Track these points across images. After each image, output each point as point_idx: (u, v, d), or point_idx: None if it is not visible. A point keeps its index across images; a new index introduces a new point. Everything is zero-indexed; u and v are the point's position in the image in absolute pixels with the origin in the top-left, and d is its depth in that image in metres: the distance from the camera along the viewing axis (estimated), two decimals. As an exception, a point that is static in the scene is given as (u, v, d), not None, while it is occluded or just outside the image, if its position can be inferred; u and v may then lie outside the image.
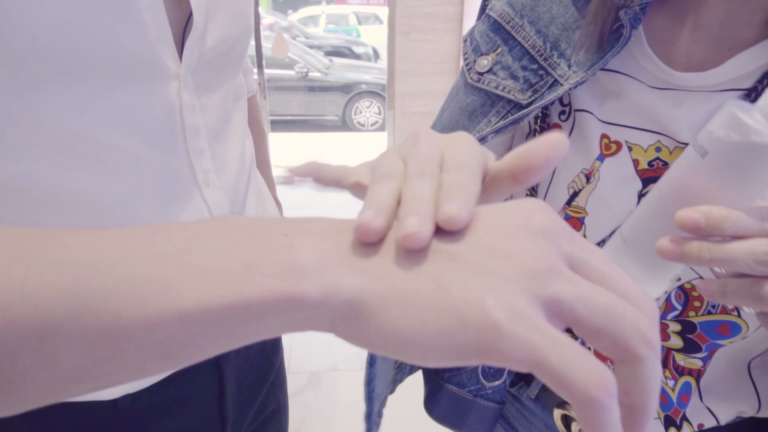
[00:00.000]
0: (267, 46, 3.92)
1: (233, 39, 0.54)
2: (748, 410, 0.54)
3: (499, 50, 0.56)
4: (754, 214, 0.33)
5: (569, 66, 0.51)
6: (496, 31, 0.57)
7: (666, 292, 0.49)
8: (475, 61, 0.58)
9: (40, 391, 0.21)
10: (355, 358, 2.20)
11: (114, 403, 0.53)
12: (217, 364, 0.62)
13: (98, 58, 0.42)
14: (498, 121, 0.55)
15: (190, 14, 0.47)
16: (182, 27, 0.47)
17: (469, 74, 0.59)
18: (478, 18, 0.61)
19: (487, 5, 0.60)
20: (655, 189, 0.40)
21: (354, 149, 5.39)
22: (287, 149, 4.97)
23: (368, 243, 0.23)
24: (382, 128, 6.24)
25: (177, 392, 0.58)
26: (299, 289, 0.21)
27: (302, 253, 0.22)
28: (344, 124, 6.64)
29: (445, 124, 0.62)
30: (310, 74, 6.63)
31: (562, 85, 0.51)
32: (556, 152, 0.25)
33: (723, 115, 0.35)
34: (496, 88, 0.56)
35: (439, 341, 0.21)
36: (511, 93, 0.55)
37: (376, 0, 10.00)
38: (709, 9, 0.46)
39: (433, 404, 0.67)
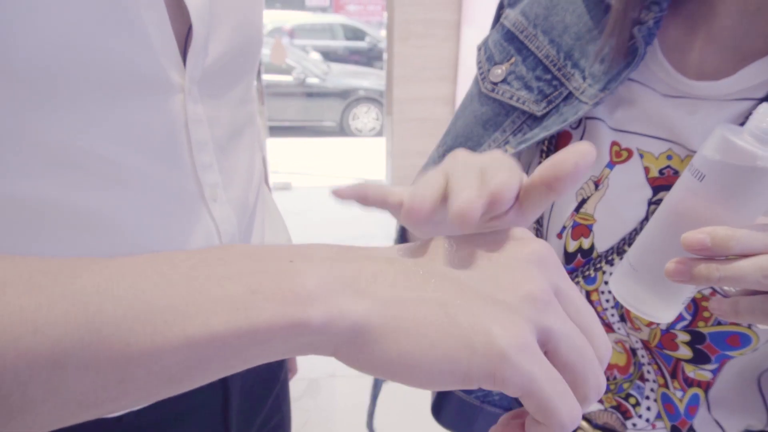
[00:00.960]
0: (265, 52, 3.92)
1: (240, 48, 0.53)
2: (757, 424, 0.53)
3: (513, 60, 0.57)
4: (758, 232, 0.34)
5: (584, 78, 0.52)
6: (510, 40, 0.57)
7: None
8: (489, 71, 0.59)
9: (49, 417, 0.21)
10: (353, 364, 2.19)
11: (119, 419, 0.53)
12: (222, 379, 0.61)
13: (102, 72, 0.41)
14: (513, 132, 0.56)
15: (191, 24, 0.46)
16: (184, 38, 0.46)
17: (483, 83, 0.59)
18: (493, 26, 0.62)
19: (501, 14, 0.61)
20: (657, 213, 0.40)
21: (352, 155, 5.39)
22: (285, 155, 4.97)
23: (375, 268, 0.24)
24: (380, 134, 6.24)
25: (182, 406, 0.58)
26: (304, 315, 0.22)
27: (306, 279, 0.23)
28: (342, 130, 6.65)
29: (459, 132, 0.62)
30: (308, 80, 6.64)
31: (576, 96, 0.51)
32: (584, 160, 0.27)
33: (715, 138, 0.36)
34: (511, 98, 0.56)
35: (445, 366, 0.22)
36: (526, 104, 0.55)
37: (374, 7, 10.04)
38: (721, 19, 0.46)
39: (440, 410, 0.67)
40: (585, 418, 0.58)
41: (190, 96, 0.47)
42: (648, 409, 0.54)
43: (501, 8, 0.62)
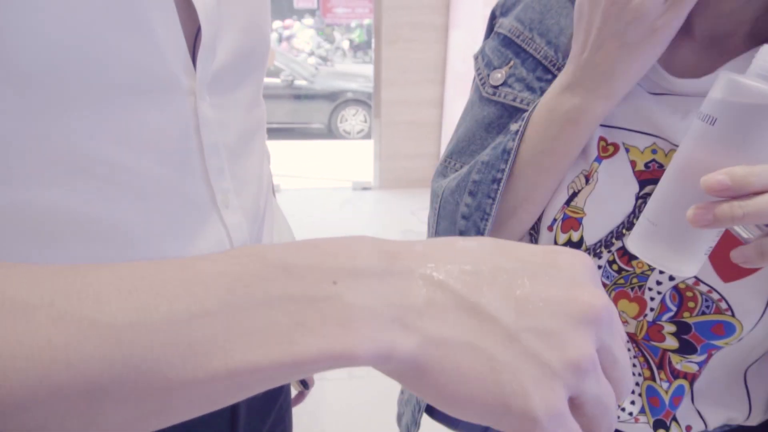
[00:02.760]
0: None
1: (248, 50, 0.52)
2: (738, 417, 0.55)
3: (511, 63, 0.58)
4: None
5: None
6: (507, 45, 0.59)
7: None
8: (488, 75, 0.60)
9: None
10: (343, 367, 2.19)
11: None
12: None
13: (111, 75, 0.40)
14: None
15: (200, 26, 0.45)
16: (192, 39, 0.45)
17: (484, 88, 0.61)
18: (486, 37, 0.64)
19: (494, 24, 0.63)
20: (671, 166, 0.41)
21: (340, 157, 5.39)
22: (273, 157, 4.94)
23: (425, 294, 0.23)
24: (368, 136, 6.25)
25: (191, 421, 0.58)
26: (351, 351, 0.22)
27: (354, 312, 0.22)
28: (330, 132, 6.64)
29: (461, 138, 0.63)
30: (296, 82, 6.63)
31: None
32: None
33: (722, 82, 0.37)
34: (514, 100, 0.58)
35: (481, 414, 0.23)
36: (530, 105, 0.56)
37: (362, 9, 10.05)
38: (701, 21, 0.49)
39: (433, 407, 0.68)
40: None
41: (200, 99, 0.47)
42: (632, 403, 0.55)
43: (493, 18, 0.64)
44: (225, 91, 0.51)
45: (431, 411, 0.68)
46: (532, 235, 0.59)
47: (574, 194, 0.54)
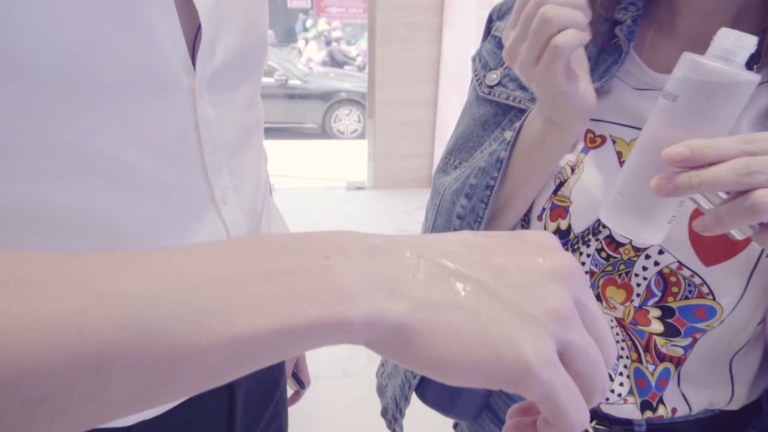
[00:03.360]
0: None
1: (246, 50, 0.53)
2: (720, 402, 0.57)
3: (506, 64, 0.62)
4: (730, 139, 0.37)
5: None
6: (502, 48, 0.61)
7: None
8: (485, 76, 0.64)
9: (90, 417, 0.22)
10: (337, 365, 2.20)
11: (128, 429, 0.53)
12: (229, 386, 0.61)
13: (114, 73, 0.41)
14: (511, 129, 0.60)
15: (200, 26, 0.46)
16: (192, 38, 0.46)
17: (480, 88, 0.64)
18: (484, 39, 0.68)
19: (492, 27, 0.66)
20: (638, 141, 0.44)
21: (334, 157, 5.39)
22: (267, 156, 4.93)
23: (411, 266, 0.25)
24: (361, 136, 6.25)
25: (190, 415, 0.58)
26: (345, 315, 0.23)
27: (345, 279, 0.24)
28: (324, 132, 6.64)
29: (460, 135, 0.67)
30: (290, 82, 6.62)
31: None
32: None
33: (684, 62, 0.40)
34: (507, 99, 0.61)
35: (474, 371, 0.24)
36: (522, 102, 0.60)
37: (356, 9, 10.04)
38: (683, 21, 0.52)
39: (424, 389, 0.70)
40: None
41: (199, 97, 0.48)
42: (621, 384, 0.58)
43: (491, 22, 0.67)
44: (224, 90, 0.51)
45: (423, 395, 0.70)
46: (523, 226, 0.62)
47: (561, 184, 0.57)
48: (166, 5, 0.43)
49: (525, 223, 0.62)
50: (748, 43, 0.38)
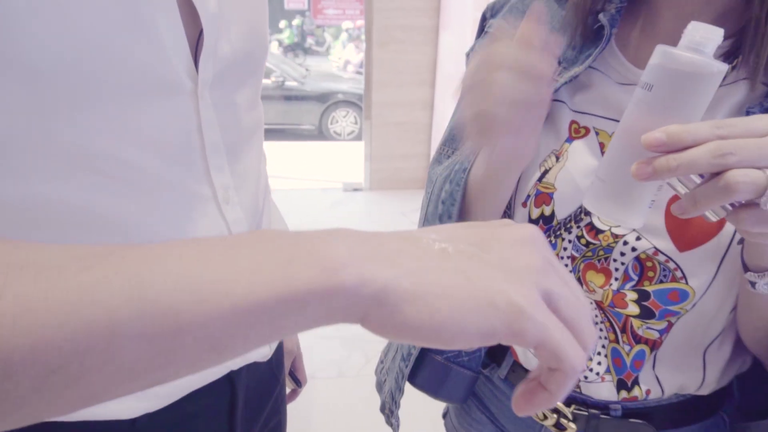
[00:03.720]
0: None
1: (247, 53, 0.54)
2: (691, 387, 0.60)
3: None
4: (705, 124, 0.40)
5: (559, 62, 0.60)
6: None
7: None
8: None
9: (101, 387, 0.23)
10: (333, 366, 2.20)
11: (133, 422, 0.54)
12: (230, 380, 0.62)
13: (119, 75, 0.42)
14: None
15: (202, 29, 0.47)
16: (195, 42, 0.47)
17: None
18: (478, 36, 0.71)
19: (485, 25, 0.70)
20: (618, 129, 0.46)
21: (330, 158, 5.40)
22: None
23: (399, 244, 0.27)
24: (358, 138, 6.26)
25: (192, 408, 0.59)
26: (338, 278, 0.24)
27: (337, 249, 0.25)
28: (320, 134, 6.65)
29: (453, 126, 0.70)
30: (287, 83, 6.63)
31: (556, 80, 0.59)
32: None
33: (658, 53, 0.43)
34: None
35: (473, 324, 0.25)
36: None
37: (353, 11, 10.06)
38: (663, 20, 0.55)
39: (413, 372, 0.72)
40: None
41: (202, 99, 0.49)
42: (599, 363, 0.61)
43: (484, 20, 0.70)
44: (226, 92, 0.52)
45: (413, 380, 0.72)
46: (507, 213, 0.65)
47: (546, 172, 0.60)
48: (170, 9, 0.44)
49: (509, 209, 0.64)
50: (716, 34, 0.40)
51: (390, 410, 0.77)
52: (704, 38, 0.41)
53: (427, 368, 0.71)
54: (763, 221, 0.39)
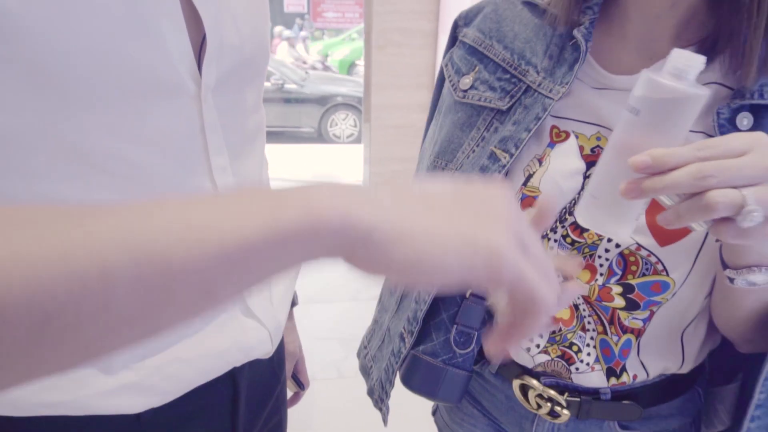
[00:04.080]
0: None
1: (250, 56, 0.55)
2: (672, 367, 0.65)
3: (477, 69, 0.68)
4: (686, 147, 0.43)
5: (537, 72, 0.63)
6: (472, 53, 0.69)
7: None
8: (459, 81, 0.70)
9: (97, 338, 0.23)
10: (332, 367, 2.21)
11: (137, 416, 0.55)
12: (232, 378, 0.63)
13: (125, 78, 0.43)
14: (486, 128, 0.67)
15: (205, 35, 0.48)
16: (198, 46, 0.48)
17: (455, 93, 0.70)
18: (450, 45, 0.74)
19: (458, 34, 0.72)
20: (606, 149, 0.48)
21: (330, 161, 5.41)
22: (263, 160, 4.94)
23: (380, 192, 0.29)
24: (357, 140, 6.27)
25: (195, 404, 0.60)
26: (324, 216, 0.26)
27: (323, 192, 0.27)
28: (320, 136, 6.66)
29: (444, 140, 0.72)
30: (286, 86, 6.64)
31: (534, 89, 0.63)
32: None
33: (643, 80, 0.45)
34: (479, 100, 0.67)
35: (455, 261, 0.27)
36: (492, 102, 0.66)
37: (352, 14, 10.08)
38: (632, 27, 0.58)
39: (409, 376, 0.73)
40: (534, 374, 0.68)
41: (205, 102, 0.50)
42: (588, 354, 0.64)
43: (456, 28, 0.73)
44: (228, 95, 0.54)
45: (409, 384, 0.73)
46: None
47: (530, 176, 0.62)
48: (175, 15, 0.45)
49: None
50: (698, 62, 0.43)
51: (380, 398, 0.79)
52: (686, 65, 0.43)
53: (422, 372, 0.72)
54: (739, 234, 0.42)
